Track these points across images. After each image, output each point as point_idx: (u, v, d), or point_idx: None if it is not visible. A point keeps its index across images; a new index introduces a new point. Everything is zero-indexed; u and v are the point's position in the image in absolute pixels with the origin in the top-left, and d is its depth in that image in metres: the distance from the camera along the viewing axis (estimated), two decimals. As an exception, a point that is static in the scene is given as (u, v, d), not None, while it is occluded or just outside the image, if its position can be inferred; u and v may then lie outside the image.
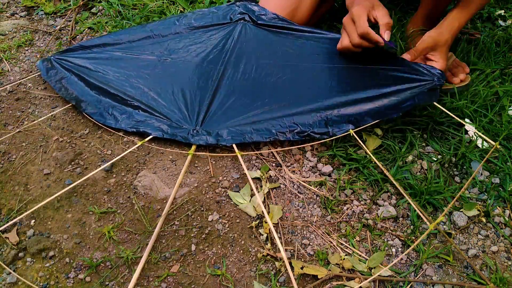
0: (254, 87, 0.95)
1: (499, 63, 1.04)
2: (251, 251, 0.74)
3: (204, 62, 1.01)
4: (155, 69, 1.01)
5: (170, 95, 0.95)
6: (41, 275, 0.72)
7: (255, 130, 0.87)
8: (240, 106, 0.92)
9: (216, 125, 0.90)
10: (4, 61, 1.18)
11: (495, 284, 0.67)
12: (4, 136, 0.96)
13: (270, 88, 0.94)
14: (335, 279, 0.70)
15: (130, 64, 1.03)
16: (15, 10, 1.41)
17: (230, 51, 1.02)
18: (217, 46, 1.04)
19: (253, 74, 0.97)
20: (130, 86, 0.98)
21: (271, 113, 0.89)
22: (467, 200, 0.80)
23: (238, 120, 0.90)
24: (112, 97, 0.97)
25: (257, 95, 0.93)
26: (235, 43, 1.03)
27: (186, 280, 0.71)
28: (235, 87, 0.95)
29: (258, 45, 1.03)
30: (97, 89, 0.99)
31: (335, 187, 0.83)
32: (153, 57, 1.04)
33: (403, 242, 0.75)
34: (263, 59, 0.99)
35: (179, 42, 1.06)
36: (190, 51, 1.04)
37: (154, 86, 0.97)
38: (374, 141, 0.88)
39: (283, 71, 0.96)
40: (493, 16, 1.24)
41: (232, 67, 0.99)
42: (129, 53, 1.05)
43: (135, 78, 0.99)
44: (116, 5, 1.34)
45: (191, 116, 0.92)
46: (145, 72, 1.00)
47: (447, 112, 0.86)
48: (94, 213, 0.80)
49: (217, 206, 0.81)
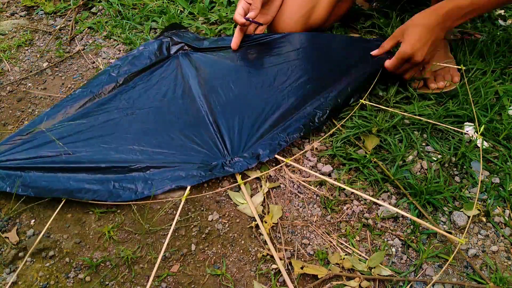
0: (244, 101, 0.94)
1: (499, 63, 1.04)
2: (251, 251, 0.74)
3: (175, 100, 0.95)
4: (130, 125, 0.90)
5: (172, 142, 0.87)
6: (41, 275, 0.72)
7: (283, 133, 0.87)
8: (249, 120, 0.90)
9: (241, 147, 0.86)
10: (4, 61, 1.18)
11: (495, 284, 0.67)
12: (4, 136, 0.95)
13: (262, 95, 0.94)
14: (335, 279, 0.70)
15: (95, 133, 0.88)
16: (15, 10, 1.41)
17: (193, 79, 0.99)
18: (176, 81, 1.00)
19: (235, 92, 0.96)
20: (118, 152, 0.84)
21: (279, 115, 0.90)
22: (467, 200, 0.80)
23: (259, 134, 0.87)
24: (107, 172, 0.81)
25: (255, 105, 0.92)
26: (192, 71, 1.02)
27: (186, 279, 0.71)
28: (230, 107, 0.93)
29: (216, 66, 1.03)
30: (79, 171, 0.81)
31: (335, 187, 0.83)
32: (115, 116, 0.92)
33: (403, 242, 0.75)
34: (232, 76, 1.00)
35: (132, 92, 0.98)
36: (150, 95, 0.97)
37: (144, 141, 0.86)
38: (372, 140, 0.88)
39: (258, 79, 0.98)
40: (493, 16, 1.24)
41: (210, 93, 0.96)
42: (83, 123, 0.90)
43: (116, 142, 0.86)
44: (116, 4, 1.34)
45: (211, 150, 0.85)
46: (121, 133, 0.88)
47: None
48: (94, 213, 0.80)
49: (217, 206, 0.81)
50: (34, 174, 0.81)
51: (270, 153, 0.84)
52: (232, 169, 0.82)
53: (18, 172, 0.81)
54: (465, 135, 0.88)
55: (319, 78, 0.98)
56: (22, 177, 0.80)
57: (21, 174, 0.81)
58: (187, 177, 0.81)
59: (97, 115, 0.92)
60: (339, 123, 0.93)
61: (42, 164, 0.82)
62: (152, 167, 0.82)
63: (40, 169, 0.81)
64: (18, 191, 0.79)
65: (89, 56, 1.19)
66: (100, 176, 0.81)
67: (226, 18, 1.26)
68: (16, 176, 0.80)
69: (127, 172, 0.82)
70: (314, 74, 0.99)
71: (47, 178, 0.80)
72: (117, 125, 0.90)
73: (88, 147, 0.85)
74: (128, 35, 1.23)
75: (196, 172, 0.81)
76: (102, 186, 0.80)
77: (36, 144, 0.86)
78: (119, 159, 0.83)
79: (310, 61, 1.02)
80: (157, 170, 0.82)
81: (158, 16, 1.28)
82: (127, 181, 0.80)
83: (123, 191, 0.79)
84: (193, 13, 1.29)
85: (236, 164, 0.82)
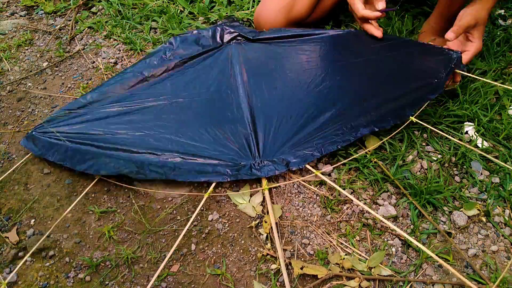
0: (289, 102, 0.90)
1: (499, 63, 1.04)
2: (251, 251, 0.74)
3: (219, 93, 0.94)
4: (171, 114, 0.91)
5: (206, 136, 0.86)
6: (41, 274, 0.72)
7: (319, 144, 0.82)
8: (287, 124, 0.86)
9: (273, 151, 0.83)
10: (4, 61, 1.18)
11: (494, 284, 0.67)
12: (4, 136, 0.95)
13: (306, 98, 0.90)
14: (335, 279, 0.70)
15: (138, 117, 0.91)
16: (15, 10, 1.41)
17: (240, 73, 0.97)
18: (224, 72, 0.98)
19: (279, 90, 0.92)
20: (155, 139, 0.86)
21: (320, 121, 0.86)
22: (467, 199, 0.80)
23: (294, 140, 0.84)
24: (140, 156, 0.84)
25: (296, 108, 0.88)
26: (241, 63, 0.99)
27: (186, 279, 0.71)
28: (270, 107, 0.90)
29: (267, 60, 0.99)
30: (114, 151, 0.84)
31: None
32: (160, 102, 0.93)
33: (403, 241, 0.75)
34: (280, 72, 0.96)
35: (179, 79, 0.98)
36: (197, 85, 0.96)
37: (181, 131, 0.87)
38: (373, 141, 0.88)
39: (310, 79, 0.92)
40: (493, 16, 1.23)
41: (254, 89, 0.93)
42: (129, 105, 0.93)
43: (154, 130, 0.88)
44: (116, 4, 1.34)
45: (242, 150, 0.84)
46: (161, 121, 0.90)
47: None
48: (94, 213, 0.80)
49: (217, 206, 0.81)
50: (74, 146, 0.85)
51: (300, 162, 0.81)
52: (260, 172, 0.80)
53: (61, 142, 0.86)
54: (465, 135, 0.88)
55: (374, 88, 0.90)
56: (64, 148, 0.85)
57: (64, 145, 0.86)
58: (213, 173, 0.81)
59: (144, 99, 0.94)
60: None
61: (83, 140, 0.86)
62: (183, 158, 0.83)
63: (80, 143, 0.86)
64: (56, 159, 0.85)
65: (89, 56, 1.19)
66: (136, 159, 0.83)
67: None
68: (59, 146, 0.86)
69: (159, 158, 0.83)
70: (369, 83, 0.91)
71: (85, 154, 0.84)
72: (160, 112, 0.92)
73: (129, 130, 0.88)
74: (128, 34, 1.23)
75: (223, 169, 0.81)
76: (134, 168, 0.81)
77: (83, 120, 0.90)
78: (155, 147, 0.85)
79: (369, 67, 0.94)
80: (186, 161, 0.83)
81: (158, 15, 1.28)
82: (157, 166, 0.81)
83: (149, 171, 0.81)
84: (193, 13, 1.29)
85: (264, 168, 0.80)
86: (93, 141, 0.86)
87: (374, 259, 0.71)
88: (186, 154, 0.83)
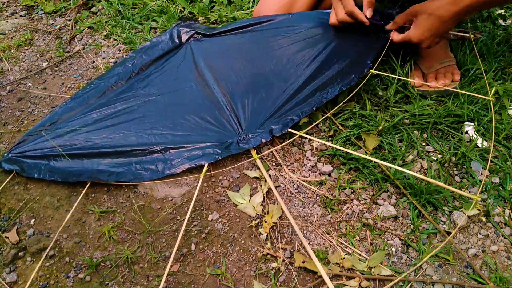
0: (257, 81, 0.95)
1: (499, 63, 1.04)
2: (251, 251, 0.74)
3: (189, 85, 0.98)
4: (146, 111, 0.94)
5: (187, 124, 0.90)
6: (41, 274, 0.72)
7: (295, 109, 0.89)
8: (262, 100, 0.92)
9: (255, 125, 0.89)
10: (4, 61, 1.18)
11: (495, 284, 0.67)
12: (4, 136, 0.95)
13: (271, 77, 0.96)
14: (335, 279, 0.70)
15: (114, 121, 0.92)
16: (15, 10, 1.41)
17: (205, 64, 1.01)
18: (189, 66, 1.02)
19: (247, 73, 0.98)
20: (138, 137, 0.88)
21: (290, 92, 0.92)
22: (467, 199, 0.80)
23: (271, 111, 0.90)
24: (127, 155, 0.86)
25: (266, 85, 0.94)
26: (204, 56, 1.03)
27: (186, 279, 0.71)
28: (242, 87, 0.95)
29: (228, 49, 1.04)
30: (103, 156, 0.86)
31: (335, 186, 0.83)
32: (132, 103, 0.95)
33: (403, 241, 0.75)
34: (243, 57, 1.01)
35: (147, 80, 1.01)
36: (165, 82, 1.00)
37: (161, 124, 0.91)
38: (373, 140, 0.88)
39: (270, 60, 0.99)
40: (493, 16, 1.23)
41: (222, 75, 0.98)
42: (102, 111, 0.94)
43: (133, 128, 0.90)
44: (116, 4, 1.34)
45: (226, 129, 0.89)
46: (138, 119, 0.92)
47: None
48: (94, 213, 0.80)
49: (217, 206, 0.81)
50: (60, 161, 0.86)
51: (283, 128, 0.87)
52: (247, 145, 0.85)
53: (45, 161, 0.86)
54: (465, 135, 0.88)
55: (331, 54, 0.97)
56: (49, 164, 0.86)
57: (48, 162, 0.86)
58: (204, 155, 0.85)
59: (116, 103, 0.96)
60: (339, 122, 0.93)
61: (67, 151, 0.86)
62: (171, 148, 0.86)
63: (64, 156, 0.86)
64: (45, 176, 0.84)
65: (89, 55, 1.19)
66: (123, 160, 0.86)
67: (226, 17, 1.26)
68: (43, 164, 0.86)
69: (147, 154, 0.86)
70: (326, 51, 0.98)
71: (73, 164, 0.85)
72: (135, 111, 0.94)
73: (110, 134, 0.89)
74: (128, 34, 1.23)
75: (213, 150, 0.85)
76: (124, 168, 0.84)
77: (60, 133, 0.90)
78: (139, 143, 0.87)
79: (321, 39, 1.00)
80: (175, 151, 0.86)
81: (158, 15, 1.28)
82: (148, 163, 0.85)
83: (144, 171, 0.84)
84: (193, 13, 1.29)
85: (250, 140, 0.86)
86: (76, 150, 0.86)
87: (374, 259, 0.71)
88: (172, 144, 0.87)
